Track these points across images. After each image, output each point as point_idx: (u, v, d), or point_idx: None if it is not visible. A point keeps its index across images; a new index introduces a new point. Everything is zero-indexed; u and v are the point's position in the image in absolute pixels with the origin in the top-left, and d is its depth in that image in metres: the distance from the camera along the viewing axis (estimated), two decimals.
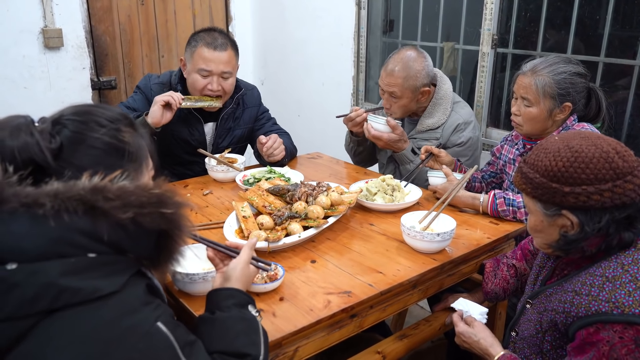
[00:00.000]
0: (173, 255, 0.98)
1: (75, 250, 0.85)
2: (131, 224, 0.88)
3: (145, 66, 3.60)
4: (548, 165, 1.17)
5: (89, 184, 0.87)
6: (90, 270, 0.85)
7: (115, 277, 0.87)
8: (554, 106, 1.81)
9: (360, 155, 2.55)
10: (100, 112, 1.00)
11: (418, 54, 2.21)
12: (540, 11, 2.41)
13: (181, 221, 0.95)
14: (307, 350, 1.31)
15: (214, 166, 2.24)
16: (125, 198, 0.88)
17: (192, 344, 0.93)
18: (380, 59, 3.31)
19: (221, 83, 2.27)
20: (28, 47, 3.07)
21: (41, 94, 3.18)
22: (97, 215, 0.86)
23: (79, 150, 0.94)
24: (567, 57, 1.87)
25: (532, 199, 1.22)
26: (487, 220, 1.85)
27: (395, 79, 2.19)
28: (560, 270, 1.32)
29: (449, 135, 2.26)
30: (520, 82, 1.85)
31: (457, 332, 1.47)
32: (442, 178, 2.01)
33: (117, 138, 0.99)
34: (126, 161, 0.99)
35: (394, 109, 2.27)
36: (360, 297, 1.37)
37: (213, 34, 2.27)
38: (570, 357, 1.17)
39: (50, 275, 0.81)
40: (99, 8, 3.32)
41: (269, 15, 3.88)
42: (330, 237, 1.72)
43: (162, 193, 0.93)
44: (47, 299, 0.81)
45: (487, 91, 2.64)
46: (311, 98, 3.72)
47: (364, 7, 3.20)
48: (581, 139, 1.18)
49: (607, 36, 2.21)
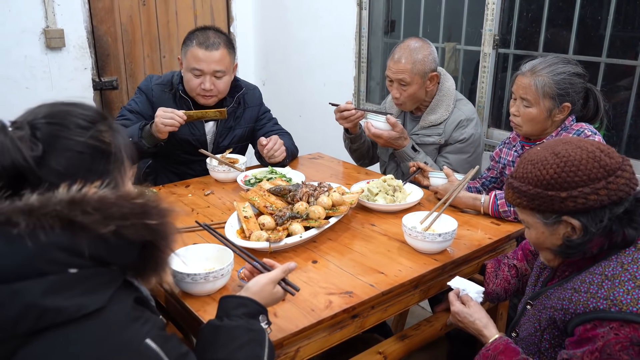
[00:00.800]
0: (159, 265, 0.92)
1: (54, 267, 0.80)
2: (113, 237, 0.83)
3: (146, 66, 3.61)
4: (539, 175, 1.18)
5: (66, 196, 0.82)
6: (73, 287, 0.80)
7: (99, 293, 0.82)
8: (554, 106, 1.81)
9: (356, 152, 2.55)
10: (77, 112, 0.93)
11: (422, 41, 2.24)
12: (542, 12, 2.41)
13: (167, 230, 0.90)
14: (308, 351, 1.31)
15: (215, 166, 2.24)
16: (105, 210, 0.83)
17: (184, 356, 0.89)
18: (381, 59, 3.32)
19: (214, 82, 2.27)
20: (30, 48, 3.07)
21: (43, 94, 3.18)
22: (75, 230, 0.81)
23: (60, 155, 0.88)
24: (565, 58, 1.87)
25: (530, 211, 1.22)
26: (488, 221, 1.85)
27: (403, 65, 2.19)
28: (561, 271, 1.32)
29: (451, 131, 2.26)
30: (520, 83, 1.85)
31: (452, 311, 1.46)
32: (443, 179, 2.01)
33: (98, 139, 0.92)
34: (108, 163, 0.94)
35: (403, 98, 2.26)
36: (362, 298, 1.37)
37: (207, 32, 2.26)
38: (568, 349, 1.18)
39: (32, 296, 0.77)
40: (100, 8, 3.33)
41: (271, 16, 3.88)
42: (331, 237, 1.72)
43: (145, 203, 0.87)
44: (29, 320, 0.76)
45: (488, 91, 2.64)
46: (312, 98, 3.72)
47: (365, 7, 3.20)
48: (564, 144, 1.20)
49: (609, 37, 2.21)
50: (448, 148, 2.28)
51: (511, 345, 1.30)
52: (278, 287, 1.20)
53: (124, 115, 2.34)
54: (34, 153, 0.85)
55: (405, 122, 2.44)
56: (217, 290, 1.39)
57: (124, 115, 2.34)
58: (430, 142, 2.30)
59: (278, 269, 1.22)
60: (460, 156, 2.26)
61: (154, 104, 2.33)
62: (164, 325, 0.91)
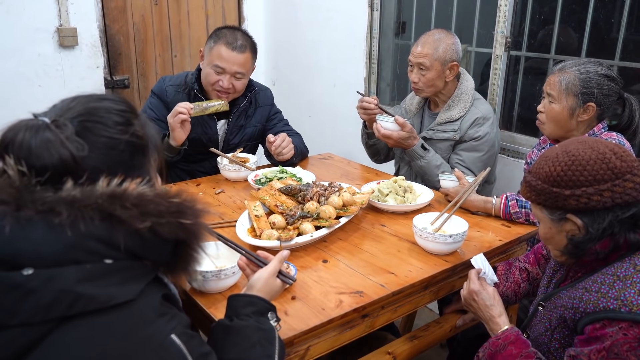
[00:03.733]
0: (190, 263, 0.95)
1: (91, 257, 0.83)
2: (148, 233, 0.86)
3: (158, 66, 3.63)
4: (548, 171, 1.20)
5: (107, 191, 0.85)
6: (107, 277, 0.83)
7: (131, 285, 0.85)
8: (577, 105, 1.81)
9: (372, 148, 2.58)
10: (112, 107, 0.95)
11: (447, 32, 2.29)
12: (555, 14, 2.40)
13: (200, 231, 0.92)
14: (318, 349, 1.32)
15: (226, 165, 2.25)
16: (143, 207, 0.86)
17: (206, 356, 0.90)
18: (392, 60, 3.31)
19: (233, 82, 2.30)
20: (43, 46, 3.10)
21: (55, 92, 3.20)
22: (114, 223, 0.84)
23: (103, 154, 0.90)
24: (598, 60, 1.87)
25: (538, 205, 1.25)
26: (499, 223, 1.85)
27: (426, 49, 2.24)
28: (574, 272, 1.32)
29: (467, 128, 2.27)
30: (549, 80, 1.88)
31: (470, 288, 1.44)
32: (454, 181, 2.01)
33: (135, 136, 0.95)
34: (144, 157, 0.97)
35: (421, 83, 2.29)
36: (372, 297, 1.38)
37: (236, 33, 2.29)
38: (576, 347, 1.18)
39: (67, 282, 0.80)
40: (113, 7, 3.35)
41: (282, 16, 3.89)
42: (341, 237, 1.73)
43: (181, 202, 0.90)
44: (62, 305, 0.79)
45: (499, 94, 2.63)
46: (322, 99, 3.72)
47: (376, 8, 3.20)
48: (578, 143, 1.21)
49: (622, 39, 2.20)
50: (462, 145, 2.28)
51: (522, 337, 1.31)
52: (277, 280, 1.22)
53: None
54: (80, 153, 0.86)
55: (423, 118, 2.46)
56: (228, 288, 1.39)
57: None
58: (446, 137, 2.30)
59: (275, 260, 1.23)
60: (474, 154, 2.26)
61: (169, 104, 2.34)
62: (189, 323, 0.92)
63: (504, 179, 2.57)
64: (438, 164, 2.22)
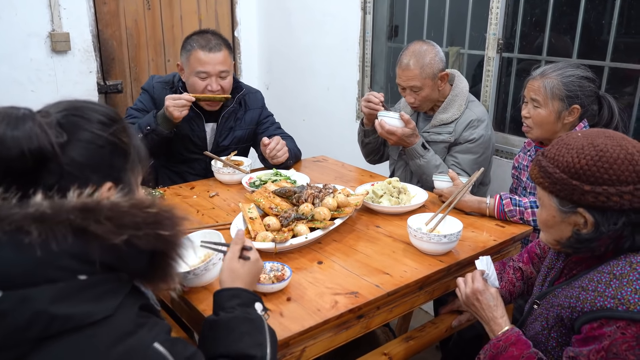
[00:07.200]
0: (168, 273, 0.92)
1: (64, 274, 0.79)
2: (124, 246, 0.82)
3: (151, 70, 3.62)
4: (570, 162, 1.15)
5: (79, 203, 0.81)
6: (82, 294, 0.80)
7: (107, 300, 0.82)
8: (563, 108, 1.85)
9: (367, 146, 2.59)
10: (97, 108, 0.94)
11: (427, 44, 2.27)
12: (546, 16, 2.42)
13: (179, 241, 0.90)
14: (314, 350, 1.31)
15: (220, 168, 2.25)
16: (118, 219, 0.81)
17: (191, 358, 0.88)
18: (385, 63, 3.33)
19: (220, 82, 2.32)
20: (36, 51, 3.09)
21: (48, 97, 3.13)
22: (88, 238, 0.80)
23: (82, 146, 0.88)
24: (575, 63, 1.92)
25: (549, 193, 1.20)
26: (493, 223, 1.85)
27: (412, 71, 2.22)
28: (568, 270, 1.32)
29: (462, 130, 2.28)
30: (530, 86, 1.91)
31: (474, 287, 1.41)
32: (448, 182, 2.02)
33: (117, 137, 0.93)
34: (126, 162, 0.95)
35: (418, 102, 2.30)
36: (367, 298, 1.37)
37: (206, 36, 2.30)
38: (574, 347, 1.18)
39: (41, 303, 0.76)
40: (106, 12, 3.35)
41: (275, 20, 3.90)
42: (336, 238, 1.72)
43: (158, 212, 0.86)
44: (38, 327, 0.76)
45: (492, 95, 2.64)
46: (316, 103, 3.73)
47: (369, 12, 3.22)
48: (606, 137, 1.16)
49: (613, 41, 2.22)
50: (457, 147, 2.29)
51: (522, 338, 1.30)
52: (242, 261, 1.21)
53: (131, 114, 2.37)
54: (59, 139, 0.85)
55: (418, 121, 2.47)
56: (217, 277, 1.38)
57: (131, 114, 2.37)
58: (440, 140, 2.31)
59: (231, 245, 1.23)
60: (469, 156, 2.27)
61: (155, 100, 2.38)
62: (170, 329, 0.91)
63: (498, 180, 2.58)
64: (437, 164, 2.23)
